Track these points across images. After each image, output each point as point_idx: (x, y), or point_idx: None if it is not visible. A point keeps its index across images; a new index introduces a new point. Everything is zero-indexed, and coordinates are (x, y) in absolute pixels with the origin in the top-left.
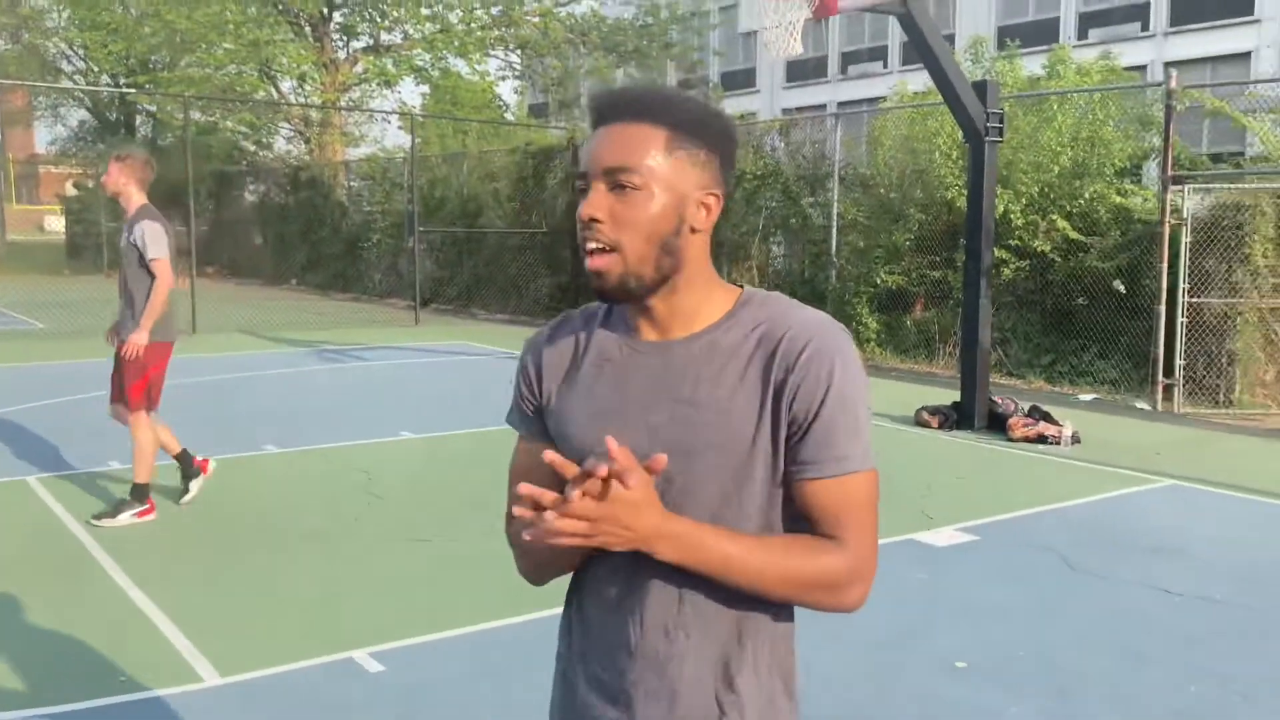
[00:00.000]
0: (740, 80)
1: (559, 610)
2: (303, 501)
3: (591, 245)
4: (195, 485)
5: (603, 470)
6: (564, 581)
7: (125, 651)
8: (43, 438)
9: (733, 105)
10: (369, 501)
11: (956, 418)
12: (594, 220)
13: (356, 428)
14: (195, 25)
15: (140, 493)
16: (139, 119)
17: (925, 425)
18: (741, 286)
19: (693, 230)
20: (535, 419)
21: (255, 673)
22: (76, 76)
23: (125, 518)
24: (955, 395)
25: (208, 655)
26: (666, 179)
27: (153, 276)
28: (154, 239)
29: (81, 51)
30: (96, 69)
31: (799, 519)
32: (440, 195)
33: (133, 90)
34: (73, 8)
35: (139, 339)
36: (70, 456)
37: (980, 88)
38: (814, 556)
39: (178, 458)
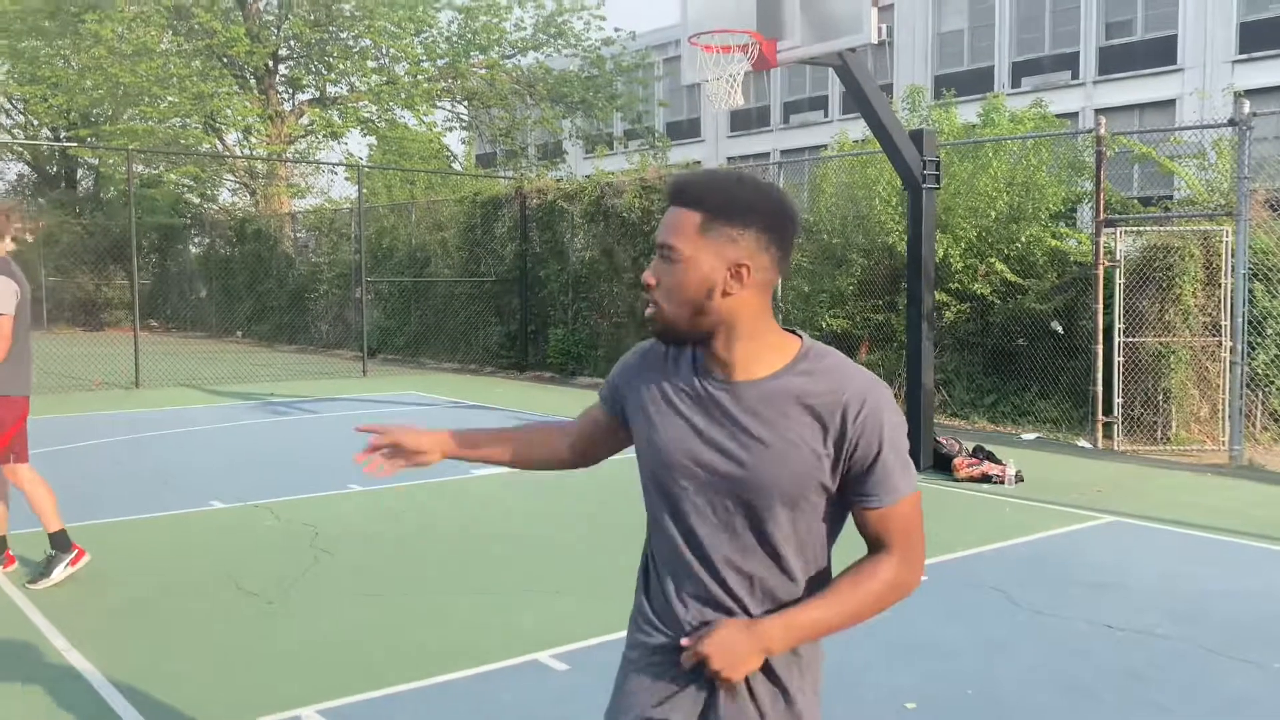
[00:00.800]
0: (685, 130)
1: (509, 662)
2: (250, 557)
3: (649, 303)
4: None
5: (685, 641)
6: (519, 632)
7: (62, 714)
8: None
9: (678, 154)
10: (316, 556)
11: None
12: (647, 284)
13: (304, 481)
14: (139, 79)
15: (60, 541)
16: (80, 172)
17: None
18: (800, 336)
19: (725, 294)
20: (609, 404)
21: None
22: (15, 130)
23: (59, 572)
24: None
25: (148, 718)
26: (697, 254)
27: None
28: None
29: (20, 105)
30: (36, 123)
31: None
32: (388, 245)
33: (74, 144)
34: (12, 61)
35: None
36: None
37: (917, 136)
38: (873, 580)
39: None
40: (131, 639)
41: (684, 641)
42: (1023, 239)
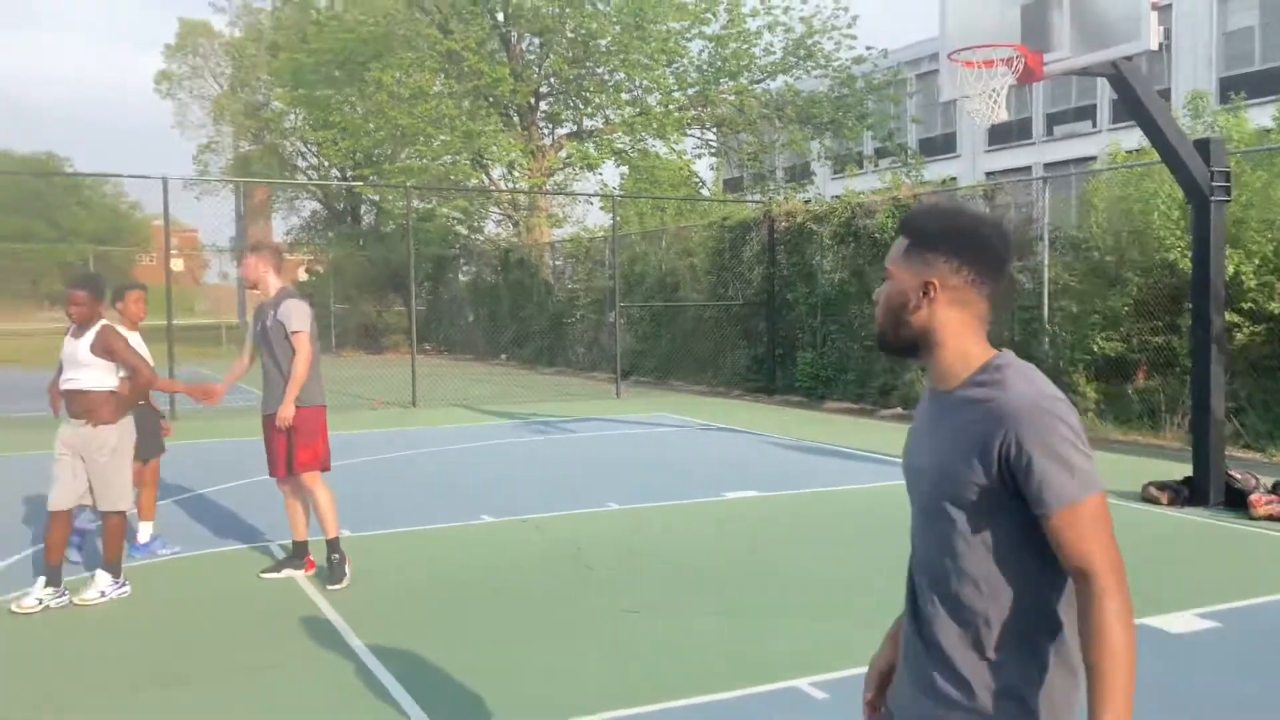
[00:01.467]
0: (940, 146)
1: (766, 687)
2: (517, 570)
3: None
4: (288, 572)
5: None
6: (777, 657)
7: (357, 714)
8: (277, 509)
9: (933, 171)
10: (580, 572)
11: (1189, 493)
12: (875, 298)
13: (565, 498)
14: (415, 120)
15: (337, 545)
16: (364, 208)
17: (1153, 501)
18: (1000, 351)
19: (916, 309)
20: None
21: None
22: (310, 172)
23: (346, 574)
24: (1186, 469)
25: (425, 707)
26: (899, 275)
27: (294, 350)
28: (298, 314)
29: (314, 149)
30: (327, 164)
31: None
32: (639, 271)
33: (359, 183)
34: (307, 110)
35: (286, 411)
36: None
37: (1203, 145)
38: (1104, 633)
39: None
40: (415, 639)
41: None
42: None
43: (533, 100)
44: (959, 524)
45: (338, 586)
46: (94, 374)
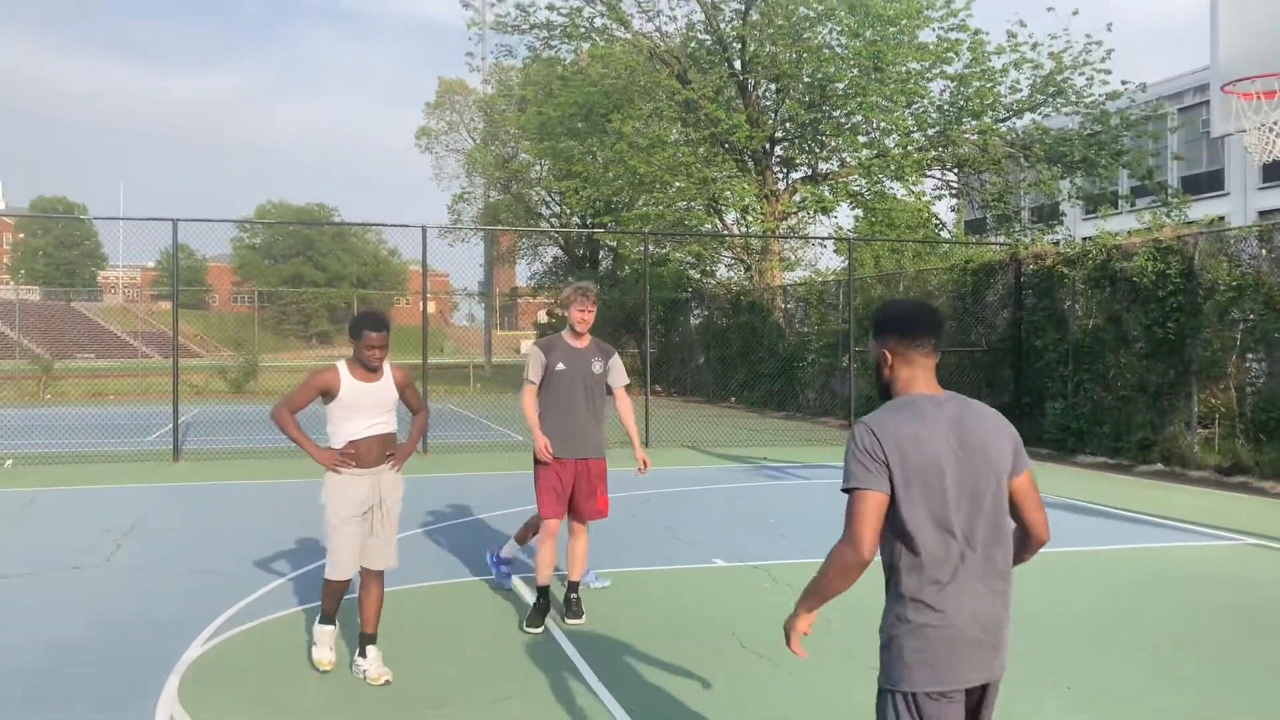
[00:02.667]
0: (1205, 184)
1: None
2: (750, 617)
3: None
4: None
5: None
6: None
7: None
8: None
9: (1199, 210)
10: (819, 625)
11: None
12: None
13: (797, 546)
14: (653, 169)
15: (577, 585)
16: (601, 253)
17: None
18: (920, 392)
19: (885, 369)
20: None
21: None
22: (552, 219)
23: (584, 611)
24: None
25: None
26: (874, 349)
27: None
28: (622, 370)
29: (557, 198)
30: (568, 211)
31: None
32: None
33: (599, 229)
34: (551, 160)
35: (644, 457)
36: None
37: None
38: (828, 559)
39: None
40: (644, 675)
41: None
42: None
43: (768, 145)
44: None
45: (577, 622)
46: (393, 417)
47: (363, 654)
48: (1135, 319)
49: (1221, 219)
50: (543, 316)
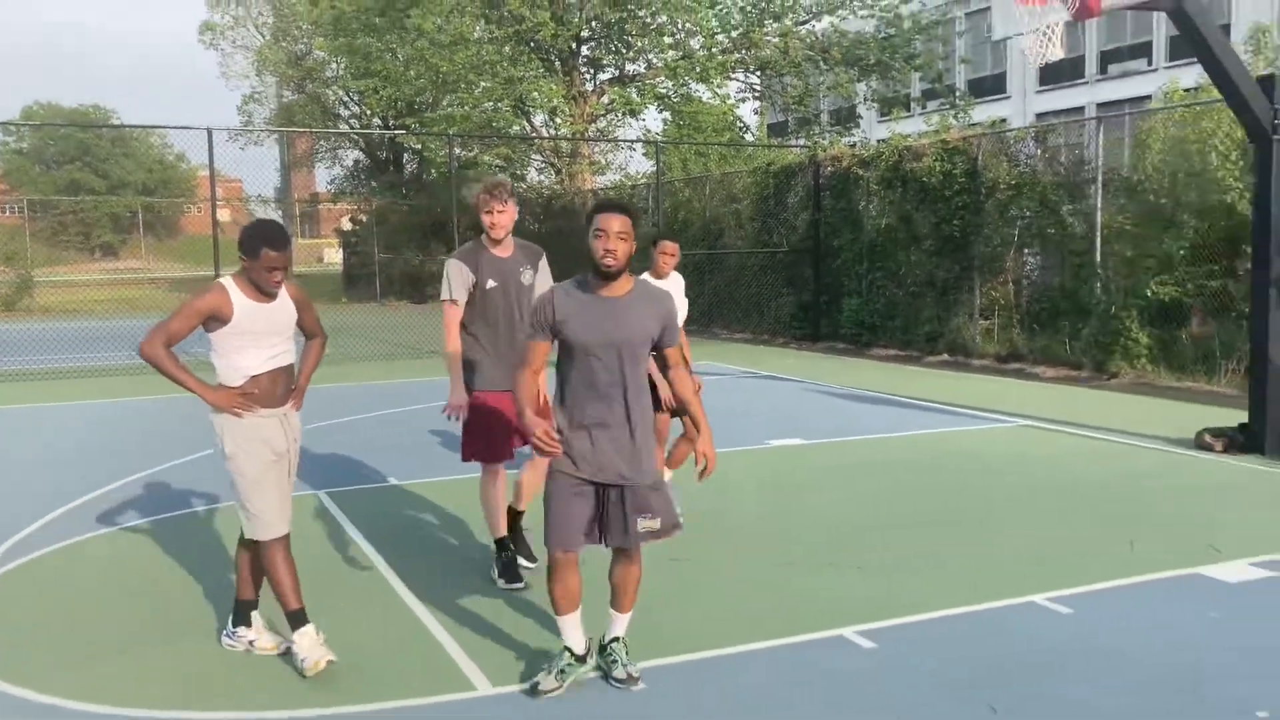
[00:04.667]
0: (989, 86)
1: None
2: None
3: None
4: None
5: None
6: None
7: (405, 660)
8: (327, 455)
9: (982, 112)
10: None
11: (1244, 441)
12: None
13: None
14: (456, 67)
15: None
16: (406, 156)
17: (1208, 449)
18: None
19: None
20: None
21: (521, 685)
22: (352, 121)
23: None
24: (1241, 416)
25: (481, 666)
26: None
27: None
28: (548, 274)
29: (356, 98)
30: (369, 113)
31: None
32: (684, 218)
33: (402, 131)
34: (348, 58)
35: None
36: (352, 474)
37: (1266, 82)
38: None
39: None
40: (468, 594)
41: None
42: None
43: (574, 45)
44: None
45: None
46: (293, 345)
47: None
48: (924, 218)
49: (1003, 121)
50: (346, 223)
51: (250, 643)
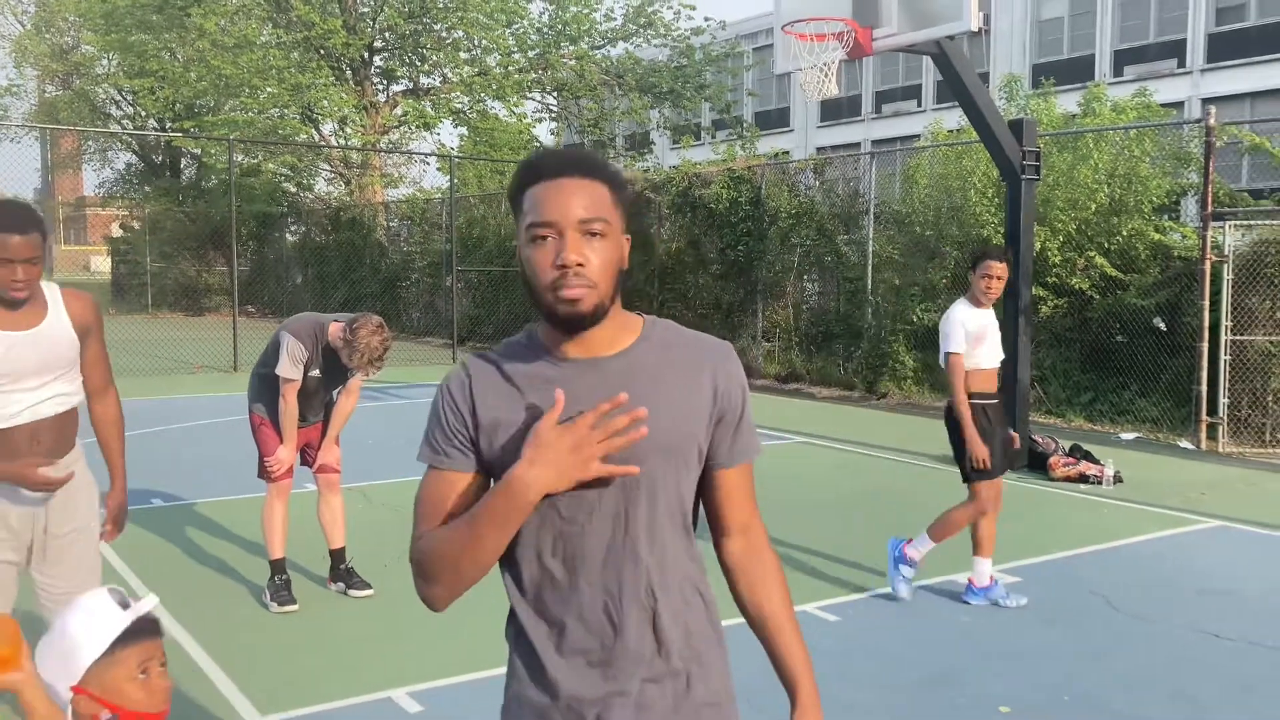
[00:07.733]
0: (775, 120)
1: None
2: (349, 538)
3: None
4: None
5: None
6: None
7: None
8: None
9: (766, 144)
10: (405, 540)
11: None
12: (578, 264)
13: (393, 466)
14: (240, 71)
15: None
16: (184, 161)
17: None
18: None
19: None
20: None
21: (295, 711)
22: (124, 121)
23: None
24: None
25: (248, 695)
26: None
27: None
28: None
29: (130, 97)
30: (144, 114)
31: None
32: (478, 235)
33: (179, 134)
34: (122, 55)
35: None
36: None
37: (1016, 126)
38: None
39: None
40: (230, 618)
41: None
42: (1124, 232)
43: (366, 54)
44: None
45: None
46: (76, 379)
47: None
48: (712, 242)
49: (786, 153)
50: (115, 230)
51: None
